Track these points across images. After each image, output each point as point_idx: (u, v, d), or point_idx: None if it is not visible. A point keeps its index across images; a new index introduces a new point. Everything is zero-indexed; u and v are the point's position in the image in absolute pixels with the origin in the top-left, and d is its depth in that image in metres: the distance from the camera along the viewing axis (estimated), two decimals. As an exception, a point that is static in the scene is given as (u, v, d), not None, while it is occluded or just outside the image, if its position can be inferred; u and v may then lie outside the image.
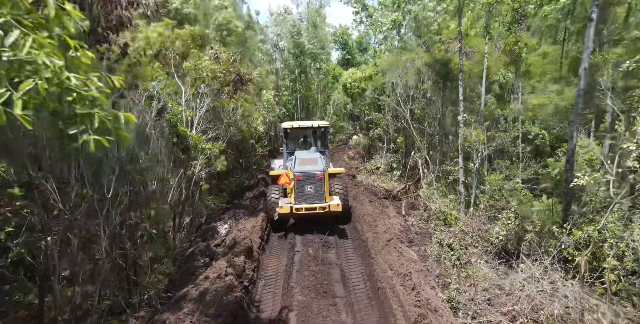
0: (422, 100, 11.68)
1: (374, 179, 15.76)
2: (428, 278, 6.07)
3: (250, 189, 12.88)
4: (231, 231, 8.12)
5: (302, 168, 7.99)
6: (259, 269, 6.70)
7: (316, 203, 7.80)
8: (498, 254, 6.84)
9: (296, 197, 7.88)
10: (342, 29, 40.36)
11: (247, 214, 9.40)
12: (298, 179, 7.86)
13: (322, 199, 7.89)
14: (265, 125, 18.12)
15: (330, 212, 7.88)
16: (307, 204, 7.78)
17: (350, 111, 27.72)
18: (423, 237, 8.62)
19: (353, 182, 13.47)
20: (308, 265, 6.61)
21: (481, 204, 8.01)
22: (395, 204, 11.50)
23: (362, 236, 7.97)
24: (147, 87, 5.58)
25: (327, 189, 8.10)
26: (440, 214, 8.62)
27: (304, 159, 8.41)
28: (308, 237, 7.88)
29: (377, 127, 17.37)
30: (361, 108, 19.84)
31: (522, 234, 6.47)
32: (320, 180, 7.89)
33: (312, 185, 7.88)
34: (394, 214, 9.47)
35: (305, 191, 7.88)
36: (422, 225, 9.48)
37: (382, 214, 9.21)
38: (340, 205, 7.89)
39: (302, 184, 7.88)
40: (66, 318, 4.10)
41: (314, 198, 7.88)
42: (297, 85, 27.87)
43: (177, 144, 6.35)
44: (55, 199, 3.77)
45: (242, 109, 9.61)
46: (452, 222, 8.29)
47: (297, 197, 7.88)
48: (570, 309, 4.47)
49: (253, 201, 10.23)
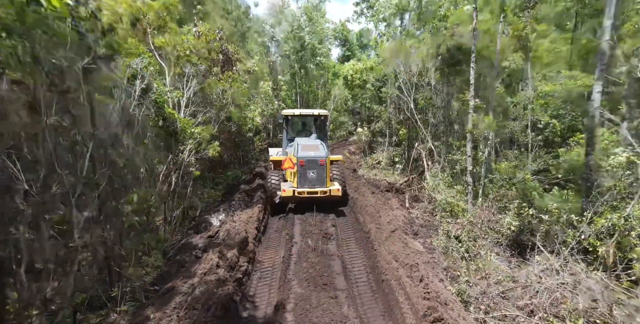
0: (426, 88, 11.20)
1: (375, 173, 15.31)
2: (436, 270, 5.62)
3: (247, 182, 12.43)
4: (226, 222, 7.68)
5: (305, 154, 8.27)
6: (255, 261, 6.26)
7: (318, 187, 8.14)
8: (510, 247, 6.39)
9: (299, 182, 8.16)
10: (342, 25, 39.92)
11: (243, 206, 8.95)
12: (301, 164, 8.14)
13: (324, 184, 8.23)
14: (264, 118, 17.66)
15: (330, 197, 8.22)
16: (309, 188, 8.10)
17: (352, 107, 27.32)
18: (428, 229, 8.17)
19: (354, 175, 13.03)
20: (307, 257, 6.17)
21: (490, 194, 7.55)
22: (398, 197, 11.05)
23: (365, 227, 7.53)
24: (129, 63, 5.13)
25: (329, 175, 8.41)
26: (446, 205, 8.16)
27: (307, 145, 8.68)
28: (307, 229, 7.45)
29: (378, 120, 16.91)
30: (362, 101, 19.38)
31: (536, 224, 6.02)
32: (322, 166, 8.19)
33: (314, 170, 8.19)
34: (397, 207, 9.02)
35: (307, 176, 8.19)
36: (427, 218, 9.03)
37: (385, 206, 8.77)
38: (340, 190, 8.29)
39: (305, 169, 8.17)
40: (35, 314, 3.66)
41: (315, 183, 8.22)
42: (297, 80, 27.41)
43: (164, 128, 5.90)
44: (18, 178, 3.33)
45: (232, 90, 9.14)
46: (459, 213, 7.84)
47: (299, 182, 8.16)
48: (597, 303, 4.02)
49: (250, 193, 9.79)
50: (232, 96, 9.45)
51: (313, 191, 8.08)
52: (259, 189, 10.15)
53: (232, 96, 9.40)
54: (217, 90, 8.24)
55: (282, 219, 8.41)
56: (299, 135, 10.41)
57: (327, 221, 7.98)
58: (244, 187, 11.67)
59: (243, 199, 9.44)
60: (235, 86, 9.08)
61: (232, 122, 11.91)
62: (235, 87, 9.08)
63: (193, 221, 8.32)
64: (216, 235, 6.90)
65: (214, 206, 9.48)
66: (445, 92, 10.14)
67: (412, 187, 11.62)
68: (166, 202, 6.44)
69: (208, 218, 7.97)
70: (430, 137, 11.73)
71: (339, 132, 28.54)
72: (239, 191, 10.26)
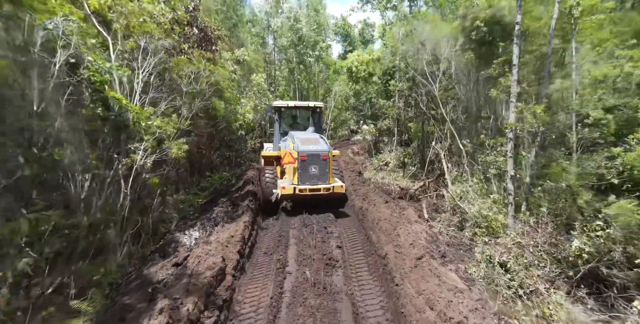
0: (443, 78, 9.49)
1: (383, 176, 13.62)
2: (487, 321, 3.94)
3: (237, 189, 10.74)
4: (198, 244, 5.99)
5: (306, 148, 7.59)
6: (232, 304, 4.55)
7: (320, 184, 7.53)
8: (582, 281, 4.70)
9: (300, 178, 7.51)
10: (343, 20, 38.31)
11: (226, 219, 7.25)
12: (302, 159, 7.50)
13: (326, 180, 7.64)
14: (258, 113, 15.97)
15: (334, 194, 7.62)
16: (311, 185, 7.48)
17: (354, 104, 25.65)
18: (458, 249, 6.48)
19: (359, 179, 11.33)
20: (304, 296, 4.48)
21: (543, 206, 5.85)
22: (414, 206, 9.37)
23: (380, 249, 5.83)
24: (43, 22, 3.44)
25: (331, 170, 7.84)
26: (480, 219, 6.47)
27: (305, 138, 7.98)
28: (305, 252, 5.75)
29: (386, 116, 15.20)
30: (367, 96, 17.68)
31: (621, 253, 4.33)
32: (325, 160, 7.62)
33: (316, 165, 7.59)
34: (415, 219, 7.34)
35: (309, 172, 7.57)
36: (452, 233, 7.34)
37: (401, 218, 7.09)
38: (343, 187, 7.71)
39: (307, 165, 7.55)
40: None
41: (317, 179, 7.60)
42: (295, 75, 25.71)
43: (107, 119, 4.22)
44: None
45: (208, 74, 7.44)
46: (498, 230, 6.14)
47: (300, 178, 7.51)
48: None
49: (236, 202, 8.11)
50: (213, 82, 7.74)
51: (315, 188, 7.41)
52: (247, 196, 8.46)
53: (212, 83, 7.68)
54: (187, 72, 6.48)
55: (274, 237, 6.73)
56: (292, 129, 9.69)
57: (331, 239, 6.29)
58: (233, 195, 9.99)
59: (227, 210, 7.74)
60: (214, 69, 7.37)
61: (218, 118, 10.22)
62: (216, 72, 7.39)
63: (163, 238, 6.63)
64: (184, 262, 5.21)
65: (193, 218, 7.79)
66: (473, 80, 8.45)
67: (429, 194, 9.92)
68: (112, 219, 4.74)
69: (179, 237, 6.27)
70: (451, 134, 10.03)
71: (340, 130, 26.85)
72: (224, 199, 8.57)
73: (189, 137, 7.23)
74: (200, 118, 8.27)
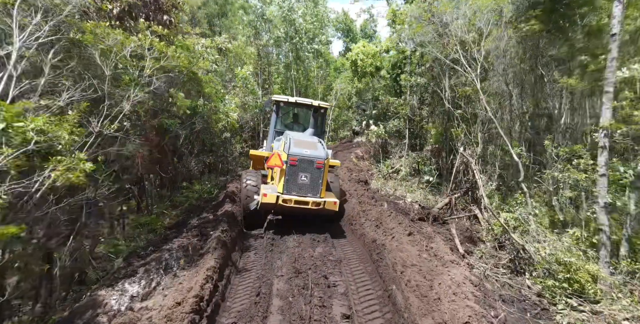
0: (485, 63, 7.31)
1: (393, 186, 11.50)
2: None
3: (213, 207, 8.62)
4: (133, 307, 3.87)
5: (299, 151, 6.48)
6: None
7: (309, 197, 6.42)
8: None
9: (286, 186, 6.42)
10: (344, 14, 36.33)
11: (187, 260, 5.12)
12: (292, 163, 6.41)
13: (317, 193, 6.51)
14: (247, 112, 13.84)
15: (323, 211, 6.48)
16: (298, 196, 6.36)
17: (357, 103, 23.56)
18: (522, 310, 4.39)
19: (368, 194, 9.20)
20: None
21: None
22: (440, 231, 7.26)
23: (412, 321, 3.70)
24: None
25: (325, 182, 6.71)
26: (555, 266, 4.36)
27: (300, 140, 6.88)
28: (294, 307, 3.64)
29: (395, 117, 13.08)
30: (374, 93, 15.56)
31: None
32: (319, 169, 6.51)
33: (308, 173, 6.49)
34: (449, 256, 5.24)
35: (298, 180, 6.47)
36: (504, 277, 5.24)
37: (433, 257, 4.99)
38: (337, 203, 6.57)
39: (296, 171, 6.46)
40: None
41: (307, 190, 6.49)
42: (292, 71, 23.60)
43: None
44: None
45: (156, 53, 5.27)
46: (588, 289, 4.02)
47: (286, 186, 6.42)
48: None
49: (205, 232, 6.00)
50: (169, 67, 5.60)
51: (303, 200, 6.30)
52: (221, 221, 6.33)
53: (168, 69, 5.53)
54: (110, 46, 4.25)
55: (251, 290, 4.60)
56: (290, 128, 8.50)
57: (334, 299, 4.17)
58: (207, 215, 7.87)
59: (191, 243, 5.61)
60: (165, 49, 5.18)
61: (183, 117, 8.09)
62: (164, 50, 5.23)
63: (81, 298, 4.48)
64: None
65: (146, 254, 5.66)
66: (528, 65, 6.29)
67: (458, 214, 7.81)
68: None
69: (104, 297, 4.13)
70: (487, 138, 7.92)
71: (342, 132, 24.76)
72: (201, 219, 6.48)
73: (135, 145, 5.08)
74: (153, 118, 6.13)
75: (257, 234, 6.99)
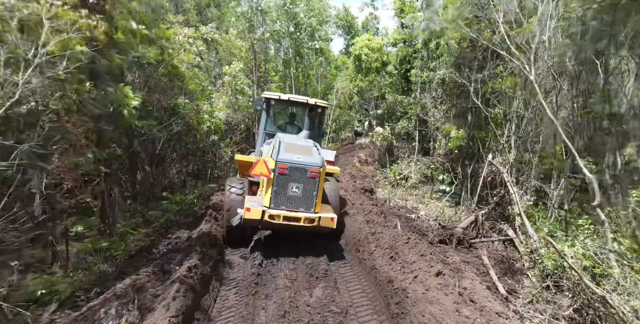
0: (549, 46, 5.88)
1: (402, 196, 10.13)
2: None
3: (195, 222, 7.26)
4: None
5: (289, 157, 5.48)
6: None
7: (301, 212, 5.40)
8: None
9: (273, 198, 5.39)
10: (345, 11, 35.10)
11: (141, 307, 3.76)
12: (281, 171, 5.39)
13: (311, 207, 5.45)
14: (239, 112, 12.47)
15: (318, 228, 5.39)
16: (287, 211, 5.33)
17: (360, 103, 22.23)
18: None
19: (375, 206, 7.81)
20: None
21: None
22: (467, 258, 5.88)
23: None
24: None
25: (321, 194, 5.60)
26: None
27: (292, 144, 5.93)
28: None
29: (404, 117, 11.71)
30: (379, 91, 14.17)
31: None
32: (313, 179, 5.45)
33: (300, 184, 5.45)
34: (490, 302, 3.87)
35: (288, 191, 5.43)
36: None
37: (474, 310, 3.62)
38: (334, 220, 5.47)
39: (286, 181, 5.43)
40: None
41: (299, 204, 5.45)
42: (291, 69, 22.24)
43: None
44: None
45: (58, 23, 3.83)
46: None
47: (274, 199, 5.39)
48: None
49: (167, 267, 4.64)
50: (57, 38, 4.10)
51: (294, 216, 5.31)
52: (192, 250, 4.96)
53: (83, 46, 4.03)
54: None
55: None
56: (283, 130, 7.54)
57: None
58: (181, 234, 6.48)
59: (147, 283, 4.24)
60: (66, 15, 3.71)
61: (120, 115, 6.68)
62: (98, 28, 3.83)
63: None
64: None
65: (84, 299, 4.28)
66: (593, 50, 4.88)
67: (489, 236, 6.42)
68: None
69: None
70: (514, 143, 6.54)
71: (343, 133, 23.41)
72: (149, 259, 5.11)
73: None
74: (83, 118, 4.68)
75: (239, 261, 5.64)
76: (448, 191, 8.92)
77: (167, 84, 8.77)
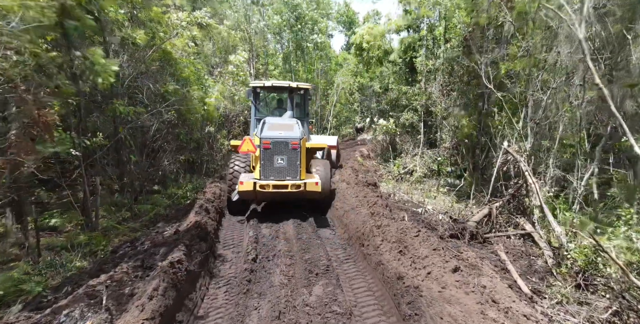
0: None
1: (407, 190, 9.63)
2: None
3: (185, 215, 6.75)
4: None
5: (272, 133, 6.24)
6: None
7: (288, 180, 6.14)
8: None
9: (262, 171, 6.15)
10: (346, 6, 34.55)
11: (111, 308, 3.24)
12: (265, 147, 6.15)
13: (296, 175, 6.21)
14: (238, 104, 11.95)
15: (305, 193, 6.12)
16: (275, 181, 6.08)
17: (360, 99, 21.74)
18: None
19: (379, 198, 7.28)
20: None
21: None
22: (482, 253, 5.36)
23: None
24: None
25: (304, 163, 6.37)
26: None
27: (276, 123, 6.69)
28: None
29: (409, 108, 11.20)
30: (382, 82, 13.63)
31: None
32: (295, 150, 6.20)
33: (283, 156, 6.21)
34: (515, 303, 3.35)
35: (274, 164, 6.20)
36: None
37: (499, 312, 3.11)
38: (319, 184, 6.18)
39: (271, 154, 6.18)
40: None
41: (285, 173, 6.20)
42: (292, 63, 21.72)
43: None
44: None
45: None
46: None
47: (263, 171, 6.16)
48: None
49: (150, 260, 4.13)
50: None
51: (281, 184, 6.04)
52: (177, 245, 4.44)
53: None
54: None
55: None
56: (272, 113, 8.37)
57: None
58: (167, 228, 5.96)
59: (126, 278, 3.72)
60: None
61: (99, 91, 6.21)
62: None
63: None
64: None
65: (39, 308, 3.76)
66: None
67: (505, 231, 5.90)
68: None
69: None
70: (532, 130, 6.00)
71: (344, 129, 22.90)
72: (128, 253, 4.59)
73: None
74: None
75: (232, 256, 5.14)
76: (457, 184, 8.40)
77: (158, 70, 8.26)
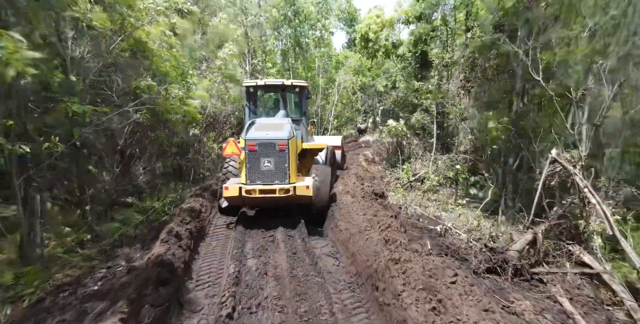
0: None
1: (419, 201, 8.39)
2: None
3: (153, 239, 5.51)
4: None
5: (257, 134, 5.85)
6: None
7: (276, 184, 5.75)
8: None
9: (248, 175, 5.81)
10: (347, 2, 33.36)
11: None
12: (251, 149, 5.75)
13: (285, 178, 5.80)
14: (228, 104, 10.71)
15: (295, 197, 5.67)
16: (262, 185, 5.71)
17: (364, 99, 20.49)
18: None
19: (394, 219, 6.00)
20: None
21: None
22: (534, 297, 4.08)
23: None
24: None
25: (294, 165, 5.93)
26: None
27: (265, 124, 6.31)
28: None
29: (420, 108, 9.94)
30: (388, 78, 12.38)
31: None
32: (282, 152, 5.77)
33: (270, 158, 5.80)
34: None
35: (261, 167, 5.81)
36: None
37: None
38: (310, 187, 5.72)
39: (257, 157, 5.80)
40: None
41: (272, 177, 5.81)
42: (290, 60, 20.49)
43: None
44: None
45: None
46: None
47: (249, 175, 5.81)
48: None
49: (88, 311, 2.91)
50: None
51: (268, 188, 5.60)
52: (122, 297, 3.17)
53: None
54: None
55: None
56: (267, 113, 7.77)
57: None
58: (88, 288, 4.70)
59: None
60: None
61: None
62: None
63: None
64: None
65: None
66: None
67: (560, 266, 4.62)
68: None
69: None
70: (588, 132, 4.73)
71: (346, 130, 21.66)
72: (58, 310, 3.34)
73: None
74: None
75: (205, 303, 3.89)
76: (481, 196, 7.13)
77: (129, 62, 7.01)
